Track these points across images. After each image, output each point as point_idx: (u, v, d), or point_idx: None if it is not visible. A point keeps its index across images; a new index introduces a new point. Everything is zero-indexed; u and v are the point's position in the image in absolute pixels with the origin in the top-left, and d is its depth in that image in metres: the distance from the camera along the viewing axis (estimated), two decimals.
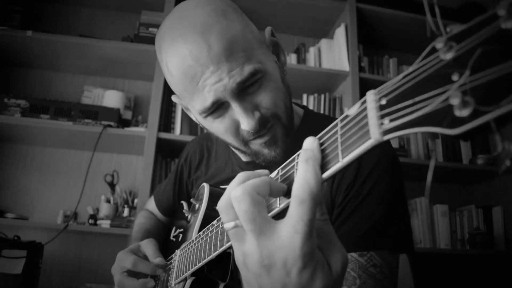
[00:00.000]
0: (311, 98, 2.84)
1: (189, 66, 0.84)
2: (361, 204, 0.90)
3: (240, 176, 0.54)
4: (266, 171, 0.56)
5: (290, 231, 0.47)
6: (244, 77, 0.84)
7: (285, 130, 0.95)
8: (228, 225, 0.53)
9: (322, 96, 2.83)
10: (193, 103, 0.91)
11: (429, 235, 2.70)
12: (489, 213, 2.83)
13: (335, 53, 2.85)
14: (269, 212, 0.57)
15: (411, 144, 2.84)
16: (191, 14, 0.87)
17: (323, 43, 2.91)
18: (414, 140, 2.85)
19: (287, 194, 0.54)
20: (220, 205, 0.54)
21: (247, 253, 0.51)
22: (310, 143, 0.51)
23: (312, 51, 2.91)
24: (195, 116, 0.99)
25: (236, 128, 0.92)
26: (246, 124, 0.87)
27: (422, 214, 2.74)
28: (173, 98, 1.06)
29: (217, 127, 0.94)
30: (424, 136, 2.83)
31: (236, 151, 1.12)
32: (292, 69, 2.68)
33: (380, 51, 3.16)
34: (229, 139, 0.96)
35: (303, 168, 0.48)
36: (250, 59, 0.86)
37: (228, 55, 0.83)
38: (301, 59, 2.89)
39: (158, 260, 1.05)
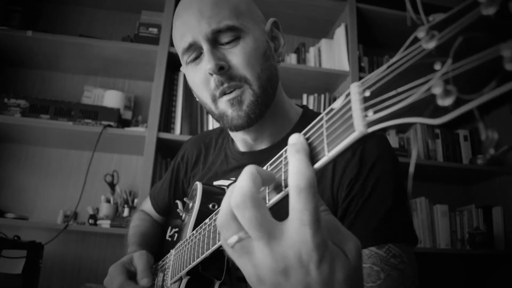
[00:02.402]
0: (311, 98, 2.84)
1: (182, 15, 0.99)
2: (370, 199, 0.91)
3: (231, 188, 0.50)
4: (252, 166, 0.51)
5: (297, 225, 0.45)
6: (220, 27, 0.94)
7: (255, 98, 0.98)
8: (231, 240, 0.49)
9: (322, 96, 2.83)
10: (179, 45, 1.01)
11: (429, 235, 2.69)
12: (489, 213, 2.82)
13: (335, 53, 2.85)
14: None
15: (411, 144, 2.84)
16: None
17: (323, 43, 2.90)
18: (414, 140, 2.84)
19: (277, 188, 0.53)
20: (220, 221, 0.51)
21: (259, 264, 0.48)
22: (296, 138, 0.49)
23: (312, 51, 2.91)
24: (183, 66, 1.07)
25: (206, 79, 0.98)
26: (207, 66, 0.94)
27: (422, 214, 2.73)
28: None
29: (194, 78, 1.02)
30: (424, 136, 2.82)
31: (232, 141, 1.17)
32: (292, 69, 2.68)
33: (380, 51, 3.15)
34: (203, 94, 1.02)
35: (296, 158, 0.46)
36: (232, 17, 0.96)
37: (213, 6, 0.95)
38: (301, 59, 2.89)
39: (144, 281, 1.04)
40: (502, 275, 2.86)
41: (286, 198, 0.50)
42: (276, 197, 0.52)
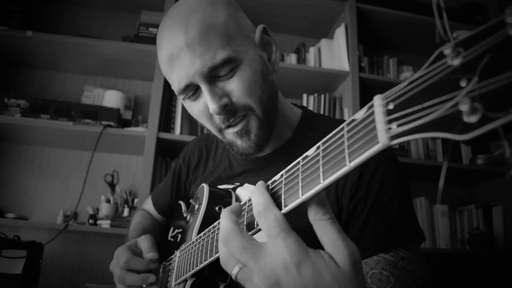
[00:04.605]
0: (311, 98, 2.84)
1: (168, 48, 0.90)
2: (375, 205, 0.91)
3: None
4: (227, 209, 0.63)
5: (269, 241, 0.54)
6: (216, 63, 0.88)
7: (260, 124, 0.97)
8: (234, 272, 0.58)
9: (322, 96, 2.83)
10: (173, 84, 0.96)
11: (429, 235, 2.70)
12: (489, 213, 2.83)
13: (335, 53, 2.85)
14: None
15: (411, 144, 2.85)
16: (182, 3, 0.94)
17: (323, 43, 2.91)
18: (414, 140, 2.84)
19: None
20: (223, 260, 0.61)
21: (257, 285, 0.54)
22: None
23: (312, 51, 2.91)
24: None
25: (209, 113, 0.95)
26: (211, 108, 0.91)
27: (422, 214, 2.74)
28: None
29: (193, 110, 0.99)
30: None
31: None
32: (292, 69, 2.68)
33: (380, 51, 3.16)
34: (206, 124, 1.00)
35: (253, 193, 0.59)
36: (225, 47, 0.89)
37: (202, 38, 0.87)
38: (301, 59, 2.89)
39: (151, 255, 1.06)
40: (502, 275, 2.87)
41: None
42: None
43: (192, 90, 0.94)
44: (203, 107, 0.95)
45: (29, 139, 2.57)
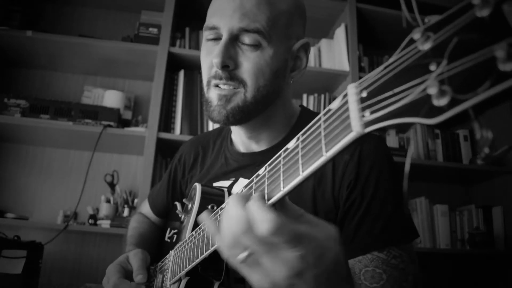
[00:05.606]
0: (311, 98, 2.84)
1: None
2: (370, 205, 0.92)
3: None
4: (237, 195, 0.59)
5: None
6: (249, 28, 0.94)
7: (243, 104, 0.99)
8: (242, 255, 0.56)
9: (322, 96, 2.83)
10: (206, 20, 1.01)
11: (429, 235, 2.69)
12: (489, 213, 2.82)
13: (335, 53, 2.85)
14: None
15: (411, 144, 2.83)
16: None
17: (323, 43, 2.90)
18: (414, 140, 2.84)
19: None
20: (229, 242, 0.57)
21: (271, 272, 0.54)
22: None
23: (312, 51, 2.90)
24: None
25: (212, 64, 0.99)
26: (214, 58, 0.95)
27: (422, 214, 2.73)
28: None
29: (204, 51, 1.04)
30: (424, 136, 2.82)
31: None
32: None
33: (380, 51, 3.15)
34: (204, 68, 1.04)
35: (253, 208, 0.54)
36: (266, 25, 0.94)
37: (255, 6, 0.94)
38: None
39: (139, 278, 1.05)
40: (502, 275, 2.86)
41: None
42: None
43: (213, 35, 1.00)
44: (210, 57, 0.99)
45: (29, 139, 2.58)
